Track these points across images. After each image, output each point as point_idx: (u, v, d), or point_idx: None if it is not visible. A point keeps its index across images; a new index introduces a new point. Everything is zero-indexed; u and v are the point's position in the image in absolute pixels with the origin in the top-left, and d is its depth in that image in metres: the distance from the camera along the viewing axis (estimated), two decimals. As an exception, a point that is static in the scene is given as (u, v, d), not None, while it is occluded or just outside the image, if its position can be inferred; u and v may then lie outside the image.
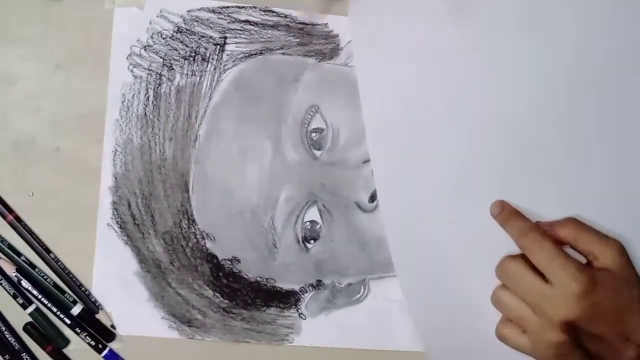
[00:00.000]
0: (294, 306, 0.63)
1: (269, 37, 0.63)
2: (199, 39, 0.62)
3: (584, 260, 0.58)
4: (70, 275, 0.60)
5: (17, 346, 0.59)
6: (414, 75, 0.61)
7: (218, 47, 0.62)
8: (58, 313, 0.59)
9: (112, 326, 0.61)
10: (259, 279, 0.63)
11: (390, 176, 0.62)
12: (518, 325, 0.57)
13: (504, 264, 0.58)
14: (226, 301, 0.62)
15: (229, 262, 0.62)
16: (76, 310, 0.59)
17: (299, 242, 0.63)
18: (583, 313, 0.54)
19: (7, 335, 0.59)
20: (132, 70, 0.61)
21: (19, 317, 0.59)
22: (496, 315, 0.59)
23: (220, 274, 0.62)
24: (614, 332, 0.55)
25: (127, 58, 0.61)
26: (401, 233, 0.62)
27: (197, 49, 0.62)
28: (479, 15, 0.61)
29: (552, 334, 0.55)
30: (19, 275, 0.59)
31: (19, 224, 0.59)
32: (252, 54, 0.62)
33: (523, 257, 0.58)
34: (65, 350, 0.60)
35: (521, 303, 0.57)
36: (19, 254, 0.59)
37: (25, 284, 0.59)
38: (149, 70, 0.61)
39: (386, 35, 0.62)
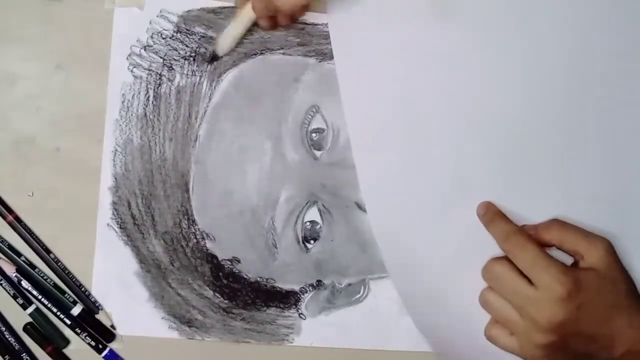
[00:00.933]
0: (294, 306, 0.63)
1: (268, 37, 0.63)
2: (199, 39, 0.62)
3: (571, 261, 0.58)
4: (70, 276, 0.60)
5: (17, 346, 0.59)
6: (400, 77, 0.61)
7: (218, 47, 0.62)
8: (58, 313, 0.59)
9: (112, 326, 0.61)
10: (259, 279, 0.63)
11: (377, 179, 0.62)
12: (505, 326, 0.58)
13: (489, 266, 0.58)
14: (226, 301, 0.62)
15: (229, 262, 0.62)
16: (76, 310, 0.59)
17: (299, 242, 0.63)
18: (568, 315, 0.54)
19: (7, 336, 0.59)
20: (132, 70, 0.61)
21: (19, 317, 0.59)
22: (485, 316, 0.60)
23: (220, 274, 0.62)
24: (601, 332, 0.55)
25: (127, 58, 0.61)
26: (390, 235, 0.62)
27: (197, 49, 0.62)
28: (466, 15, 0.61)
29: (539, 336, 0.55)
30: (19, 275, 0.59)
31: (19, 224, 0.59)
32: (252, 54, 0.62)
33: (508, 260, 0.57)
34: (65, 351, 0.60)
35: (507, 305, 0.57)
36: (19, 254, 0.59)
37: (25, 284, 0.58)
38: (149, 70, 0.61)
39: (368, 36, 0.62)
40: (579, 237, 0.57)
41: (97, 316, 0.60)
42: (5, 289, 0.58)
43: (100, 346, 0.60)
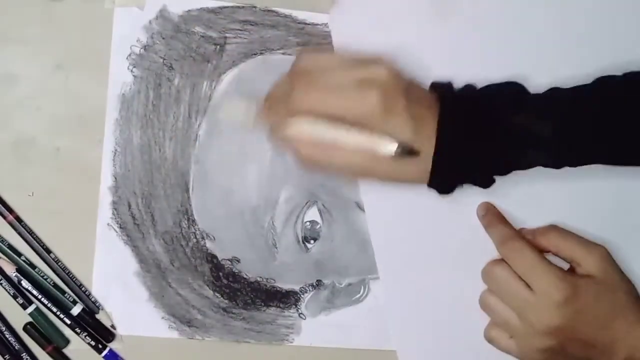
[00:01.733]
0: (294, 306, 0.63)
1: (269, 37, 0.63)
2: (199, 39, 0.62)
3: (567, 266, 0.58)
4: (70, 275, 0.60)
5: (17, 346, 0.59)
6: None
7: (218, 47, 0.62)
8: (58, 313, 0.59)
9: (112, 326, 0.61)
10: (259, 279, 0.63)
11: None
12: (504, 329, 0.58)
13: (488, 269, 0.58)
14: (226, 301, 0.62)
15: (229, 262, 0.62)
16: (76, 310, 0.59)
17: (299, 242, 0.63)
18: (566, 320, 0.54)
19: (7, 335, 0.59)
20: (132, 70, 0.61)
21: (19, 317, 0.59)
22: (485, 317, 0.60)
23: (220, 274, 0.62)
24: (600, 337, 0.55)
25: (127, 58, 0.61)
26: (386, 235, 0.62)
27: (197, 49, 0.62)
28: (466, 15, 0.61)
29: (537, 340, 0.55)
30: (19, 275, 0.59)
31: (19, 224, 0.59)
32: (252, 54, 0.62)
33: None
34: (65, 350, 0.60)
35: (507, 308, 0.57)
36: (19, 254, 0.59)
37: (25, 284, 0.58)
38: (149, 70, 0.61)
39: (369, 36, 0.61)
40: (575, 245, 0.57)
41: (97, 316, 0.60)
42: (5, 288, 0.58)
43: (100, 346, 0.60)
